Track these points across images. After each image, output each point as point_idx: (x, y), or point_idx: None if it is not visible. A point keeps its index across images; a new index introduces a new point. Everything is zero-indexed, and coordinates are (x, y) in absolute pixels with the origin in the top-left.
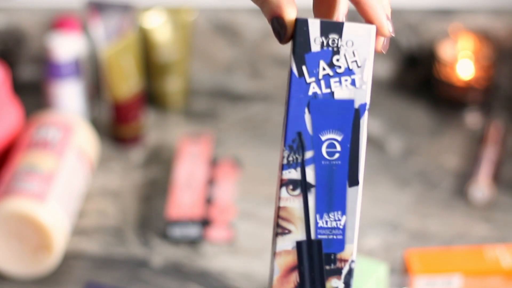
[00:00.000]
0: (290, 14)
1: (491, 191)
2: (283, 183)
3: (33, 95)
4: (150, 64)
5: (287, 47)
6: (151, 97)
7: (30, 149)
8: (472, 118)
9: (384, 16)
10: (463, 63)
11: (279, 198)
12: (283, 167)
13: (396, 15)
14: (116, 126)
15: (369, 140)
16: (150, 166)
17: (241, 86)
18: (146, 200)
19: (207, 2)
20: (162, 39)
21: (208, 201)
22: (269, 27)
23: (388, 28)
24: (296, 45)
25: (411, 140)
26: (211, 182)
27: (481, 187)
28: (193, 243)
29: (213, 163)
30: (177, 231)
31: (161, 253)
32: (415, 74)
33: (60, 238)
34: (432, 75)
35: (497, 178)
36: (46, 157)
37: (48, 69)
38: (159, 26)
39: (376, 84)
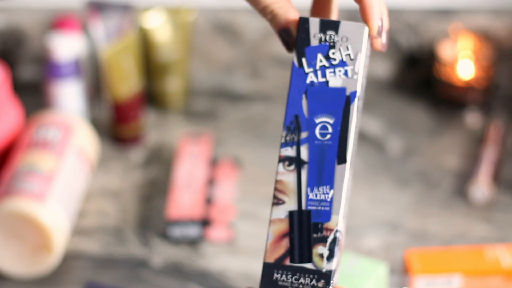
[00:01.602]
0: (293, 25)
1: (491, 191)
2: (280, 159)
3: (33, 95)
4: (150, 64)
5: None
6: (151, 97)
7: (30, 149)
8: (472, 118)
9: (377, 17)
10: (463, 63)
11: (277, 173)
12: (281, 145)
13: (396, 15)
14: (116, 126)
15: (369, 140)
16: (150, 166)
17: (241, 86)
18: (146, 200)
19: (207, 2)
20: (162, 39)
21: (208, 201)
22: (269, 27)
23: (375, 28)
24: (297, 39)
25: (411, 140)
26: (211, 182)
27: (481, 187)
28: (193, 243)
29: (213, 163)
30: (177, 231)
31: (161, 253)
32: (415, 74)
33: (60, 238)
34: (432, 75)
35: (497, 178)
36: (46, 157)
37: (48, 69)
38: (159, 26)
39: (376, 84)
